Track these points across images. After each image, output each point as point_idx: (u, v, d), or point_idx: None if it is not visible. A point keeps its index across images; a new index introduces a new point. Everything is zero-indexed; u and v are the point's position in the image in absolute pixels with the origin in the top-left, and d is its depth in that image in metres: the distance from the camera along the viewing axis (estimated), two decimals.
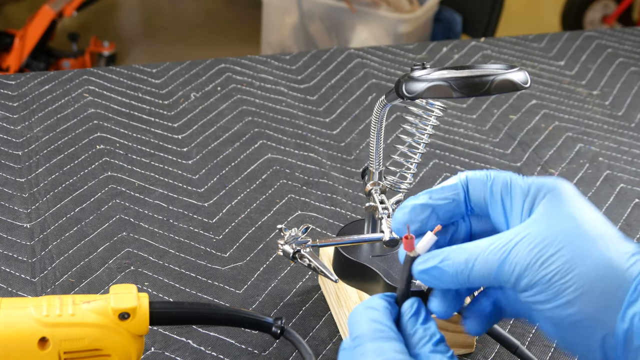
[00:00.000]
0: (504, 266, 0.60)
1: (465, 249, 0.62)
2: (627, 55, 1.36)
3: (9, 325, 0.67)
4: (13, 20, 3.08)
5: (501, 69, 0.70)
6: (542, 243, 0.59)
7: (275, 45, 2.77)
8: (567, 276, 0.58)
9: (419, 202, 0.66)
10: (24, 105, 1.15)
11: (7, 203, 0.99)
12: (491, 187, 0.64)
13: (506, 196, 0.63)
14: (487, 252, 0.60)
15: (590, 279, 0.58)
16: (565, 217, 0.60)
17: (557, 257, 0.59)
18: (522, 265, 0.59)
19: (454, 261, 0.61)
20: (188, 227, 0.97)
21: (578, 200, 0.62)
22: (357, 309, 0.61)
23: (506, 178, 0.64)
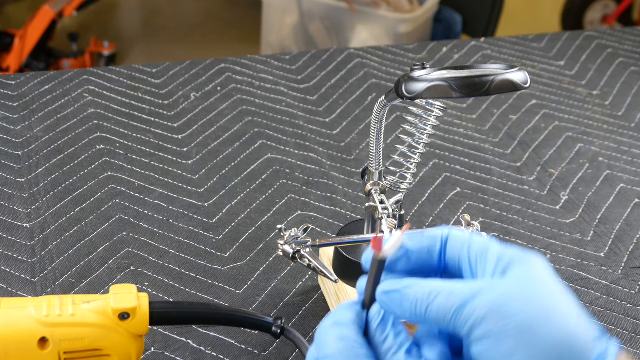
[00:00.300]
0: (464, 309, 0.58)
1: (431, 282, 0.60)
2: (627, 55, 1.36)
3: (9, 325, 0.67)
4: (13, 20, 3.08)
5: (501, 69, 0.70)
6: (508, 299, 0.58)
7: (275, 45, 2.77)
8: (522, 335, 0.57)
9: None
10: (24, 105, 1.15)
11: (7, 203, 0.99)
12: (469, 247, 0.63)
13: (482, 257, 0.62)
14: (452, 290, 0.59)
15: (546, 349, 0.57)
16: (536, 285, 0.59)
17: (519, 317, 0.57)
18: (482, 312, 0.58)
19: (417, 290, 0.60)
20: (188, 227, 0.97)
21: (551, 275, 0.61)
22: (324, 326, 0.60)
23: (485, 241, 0.63)
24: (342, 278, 0.84)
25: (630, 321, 0.89)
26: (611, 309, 0.90)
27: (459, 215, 1.01)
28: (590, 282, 0.94)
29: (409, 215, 1.01)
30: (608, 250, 0.98)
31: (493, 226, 1.00)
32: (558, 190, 1.07)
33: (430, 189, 1.06)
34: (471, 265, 0.63)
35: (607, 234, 1.01)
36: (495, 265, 0.61)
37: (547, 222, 1.02)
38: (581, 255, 0.97)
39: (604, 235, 1.01)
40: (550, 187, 1.07)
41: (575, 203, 1.05)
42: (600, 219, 1.03)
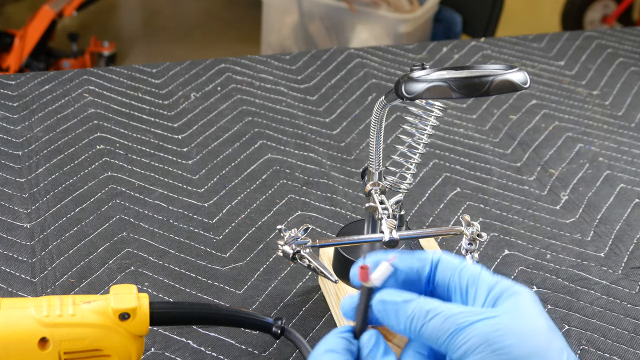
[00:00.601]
0: (458, 335, 0.59)
1: (431, 302, 0.61)
2: (627, 55, 1.36)
3: (9, 325, 0.67)
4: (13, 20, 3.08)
5: (500, 69, 0.70)
6: (501, 333, 0.59)
7: (275, 45, 2.77)
8: None
9: (384, 258, 0.64)
10: (24, 105, 1.15)
11: (7, 203, 0.99)
12: (460, 273, 0.64)
13: (472, 285, 0.63)
14: (448, 313, 0.60)
15: None
16: (528, 321, 0.60)
17: (512, 354, 0.58)
18: (476, 342, 0.58)
19: (416, 306, 0.61)
20: (188, 227, 0.97)
21: (540, 310, 0.62)
22: (317, 353, 0.60)
23: (476, 269, 0.64)
24: (342, 278, 0.84)
25: (630, 321, 0.89)
26: (611, 309, 0.90)
27: (459, 215, 1.01)
28: (590, 282, 0.94)
29: (409, 215, 1.01)
30: (608, 250, 0.98)
31: (493, 226, 1.00)
32: (558, 190, 1.07)
33: (430, 189, 1.06)
34: (461, 291, 0.63)
35: (607, 234, 1.01)
36: (486, 295, 0.62)
37: (547, 222, 1.02)
38: (581, 255, 0.97)
39: (604, 235, 1.01)
40: (550, 187, 1.07)
41: (575, 203, 1.05)
42: (600, 219, 1.03)
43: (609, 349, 0.86)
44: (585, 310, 0.90)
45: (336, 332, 0.62)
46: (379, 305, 0.62)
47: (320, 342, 0.61)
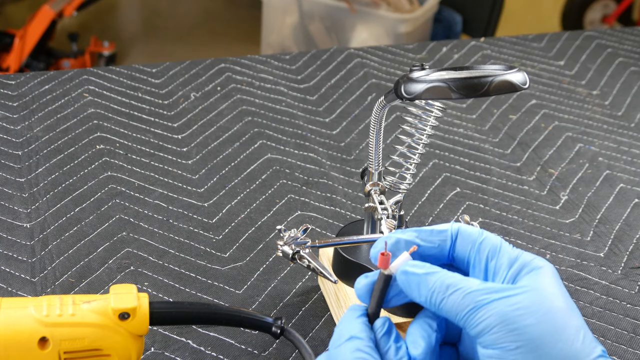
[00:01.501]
0: (477, 312, 0.60)
1: (453, 276, 0.62)
2: (627, 55, 1.36)
3: (9, 325, 0.67)
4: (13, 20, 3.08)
5: (500, 69, 0.70)
6: (521, 311, 0.59)
7: (275, 45, 2.77)
8: (532, 352, 0.59)
9: (404, 237, 0.65)
10: (24, 105, 1.15)
11: (7, 203, 0.99)
12: (479, 245, 0.64)
13: (492, 259, 0.63)
14: (468, 289, 0.60)
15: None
16: (547, 299, 0.60)
17: (529, 333, 0.59)
18: (494, 321, 0.59)
19: (438, 279, 0.61)
20: (188, 227, 0.97)
21: (559, 286, 0.62)
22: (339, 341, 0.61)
23: (496, 242, 0.64)
24: (341, 279, 0.84)
25: (629, 321, 0.89)
26: (611, 309, 0.91)
27: (459, 215, 1.01)
28: (589, 282, 0.94)
29: (409, 215, 1.01)
30: (608, 250, 0.98)
31: (493, 226, 1.00)
32: (558, 190, 1.07)
33: (430, 189, 1.06)
34: (481, 265, 0.64)
35: (607, 234, 1.01)
36: (507, 270, 0.63)
37: (546, 222, 1.02)
38: (581, 255, 0.97)
39: (604, 235, 1.01)
40: (550, 187, 1.08)
41: (575, 203, 1.05)
42: (600, 219, 1.03)
43: (608, 349, 0.86)
44: (584, 310, 0.90)
45: (354, 315, 0.63)
46: (402, 277, 0.63)
47: (340, 326, 0.62)
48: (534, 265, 0.62)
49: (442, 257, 0.66)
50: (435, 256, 0.65)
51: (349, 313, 0.63)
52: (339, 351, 0.61)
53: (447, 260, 0.66)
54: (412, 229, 0.66)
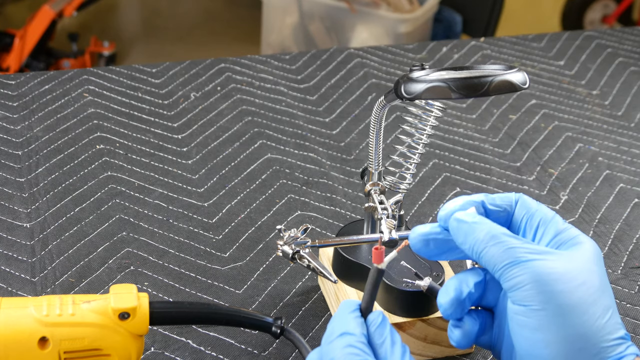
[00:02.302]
0: (515, 267, 0.62)
1: (500, 229, 0.64)
2: (627, 55, 1.36)
3: (9, 324, 0.67)
4: (13, 20, 3.08)
5: (500, 69, 0.70)
6: (556, 277, 0.61)
7: (275, 45, 2.77)
8: (558, 317, 0.60)
9: (473, 199, 0.68)
10: (24, 105, 1.15)
11: (7, 203, 0.99)
12: (534, 213, 0.67)
13: (541, 226, 0.66)
14: (510, 245, 0.63)
15: (574, 337, 0.60)
16: (583, 271, 0.62)
17: (560, 299, 0.60)
18: (528, 279, 0.61)
19: (485, 229, 0.64)
20: (188, 227, 0.97)
21: (598, 264, 0.64)
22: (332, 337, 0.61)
23: (550, 213, 0.67)
24: (341, 278, 0.84)
25: (630, 321, 0.89)
26: None
27: None
28: None
29: (409, 215, 1.01)
30: (607, 250, 0.98)
31: None
32: (558, 190, 1.07)
33: (430, 189, 1.06)
34: (531, 230, 0.66)
35: (607, 234, 1.01)
36: (552, 237, 0.65)
37: None
38: None
39: (604, 235, 1.01)
40: (550, 187, 1.08)
41: (575, 203, 1.05)
42: (599, 219, 1.03)
43: None
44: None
45: (347, 311, 0.63)
46: (453, 223, 0.65)
47: (333, 321, 0.62)
48: (579, 239, 0.65)
49: (506, 222, 0.68)
50: (498, 221, 0.67)
51: (342, 308, 0.63)
52: (330, 347, 0.61)
53: (506, 225, 0.68)
54: (480, 194, 0.69)
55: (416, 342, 0.81)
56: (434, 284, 0.77)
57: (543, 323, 0.60)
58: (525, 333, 0.61)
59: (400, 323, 0.80)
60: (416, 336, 0.81)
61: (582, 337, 0.60)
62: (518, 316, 0.62)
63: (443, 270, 0.82)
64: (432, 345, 0.82)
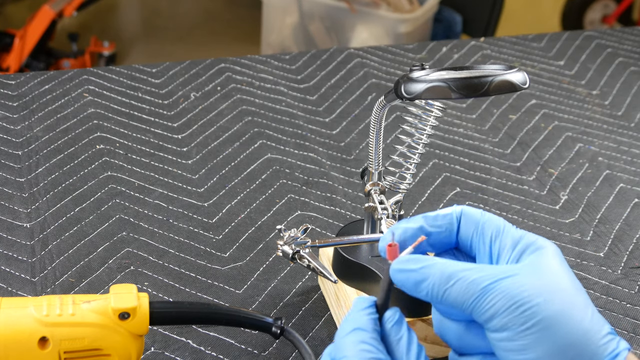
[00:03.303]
0: (483, 298, 0.59)
1: (451, 265, 0.60)
2: (627, 55, 1.36)
3: (9, 324, 0.67)
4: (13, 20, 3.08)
5: (500, 69, 0.70)
6: (529, 292, 0.58)
7: (275, 45, 2.77)
8: (543, 332, 0.58)
9: (412, 226, 0.64)
10: (24, 105, 1.15)
11: (7, 203, 0.99)
12: (483, 227, 0.64)
13: (496, 240, 0.63)
14: (471, 277, 0.59)
15: (564, 346, 0.58)
16: (553, 278, 0.60)
17: (540, 314, 0.58)
18: (503, 305, 0.58)
19: (435, 272, 0.60)
20: (188, 227, 0.97)
21: (564, 265, 0.62)
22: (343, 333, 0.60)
23: (499, 223, 0.63)
24: (341, 278, 0.84)
25: (629, 321, 0.89)
26: (611, 309, 0.91)
27: None
28: (589, 282, 0.94)
29: (409, 215, 1.01)
30: (607, 250, 0.99)
31: None
32: (558, 190, 1.07)
33: (430, 189, 1.06)
34: (485, 246, 0.63)
35: (607, 234, 1.01)
36: (511, 250, 0.62)
37: (546, 222, 1.02)
38: (580, 255, 0.98)
39: (604, 235, 1.01)
40: (550, 187, 1.08)
41: (575, 203, 1.05)
42: (599, 219, 1.03)
43: None
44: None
45: (360, 308, 0.62)
46: (397, 275, 0.61)
47: (346, 319, 0.61)
48: (538, 245, 0.62)
49: (450, 241, 0.65)
50: (443, 242, 0.64)
51: (357, 305, 0.62)
52: (343, 342, 0.60)
53: (454, 244, 0.65)
54: (418, 216, 0.65)
55: None
56: None
57: (529, 342, 0.58)
58: (515, 357, 0.59)
59: None
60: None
61: (573, 345, 0.58)
62: (502, 342, 0.59)
63: None
64: (432, 345, 0.82)
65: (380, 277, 0.81)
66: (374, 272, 0.81)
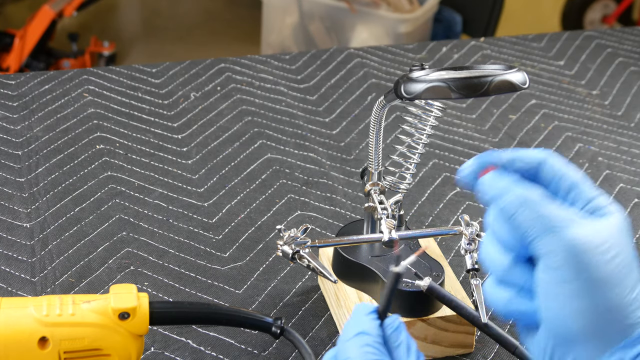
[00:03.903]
0: (544, 236, 0.60)
1: (533, 193, 0.61)
2: (627, 55, 1.36)
3: (9, 324, 0.67)
4: (13, 20, 3.08)
5: (500, 69, 0.70)
6: (588, 248, 0.59)
7: (275, 45, 2.77)
8: (589, 289, 0.59)
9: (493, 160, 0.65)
10: (24, 105, 1.15)
11: (7, 203, 0.99)
12: (562, 177, 0.64)
13: (570, 193, 0.64)
14: (542, 212, 0.60)
15: (604, 310, 0.59)
16: (619, 245, 0.61)
17: (595, 268, 0.59)
18: (561, 248, 0.59)
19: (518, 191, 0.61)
20: (188, 227, 0.97)
21: (629, 237, 0.63)
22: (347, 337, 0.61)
23: (577, 177, 0.64)
24: (341, 278, 0.84)
25: None
26: None
27: (459, 215, 1.01)
28: None
29: (409, 215, 1.01)
30: None
31: None
32: None
33: (430, 189, 1.06)
34: (559, 192, 0.64)
35: None
36: (584, 204, 0.63)
37: None
38: None
39: None
40: None
41: None
42: None
43: None
44: None
45: (363, 313, 0.62)
46: (486, 182, 0.62)
47: (349, 323, 0.62)
48: (609, 210, 0.62)
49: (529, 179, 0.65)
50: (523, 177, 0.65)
51: (358, 309, 0.63)
52: (347, 346, 0.61)
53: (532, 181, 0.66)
54: (501, 153, 0.65)
55: (416, 342, 0.81)
56: (434, 284, 0.77)
57: (575, 293, 0.59)
58: (556, 303, 0.60)
59: None
60: (416, 336, 0.81)
61: (611, 311, 0.59)
62: (549, 285, 0.60)
63: (443, 270, 0.82)
64: (432, 345, 0.82)
65: (379, 277, 0.81)
66: (374, 272, 0.81)
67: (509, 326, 0.87)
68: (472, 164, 0.64)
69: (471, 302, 0.80)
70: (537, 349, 0.62)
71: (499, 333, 0.78)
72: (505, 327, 0.87)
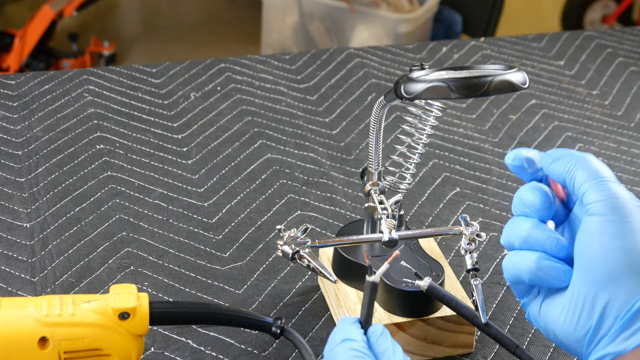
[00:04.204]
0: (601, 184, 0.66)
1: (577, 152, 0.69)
2: (627, 55, 1.36)
3: (9, 325, 0.67)
4: (13, 20, 3.08)
5: (500, 69, 0.70)
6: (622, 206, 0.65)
7: (275, 45, 2.77)
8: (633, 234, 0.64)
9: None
10: (24, 105, 1.15)
11: (7, 203, 0.99)
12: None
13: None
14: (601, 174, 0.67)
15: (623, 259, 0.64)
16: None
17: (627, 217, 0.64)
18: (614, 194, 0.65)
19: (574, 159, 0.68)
20: (188, 227, 0.98)
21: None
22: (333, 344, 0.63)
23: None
24: (341, 278, 0.84)
25: None
26: None
27: (459, 215, 1.01)
28: None
29: (409, 215, 1.01)
30: None
31: (493, 226, 1.00)
32: None
33: (430, 189, 1.06)
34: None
35: None
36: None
37: None
38: None
39: None
40: None
41: None
42: None
43: None
44: None
45: (347, 322, 0.64)
46: (550, 156, 0.69)
47: (334, 333, 0.63)
48: None
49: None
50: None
51: (342, 321, 0.65)
52: (334, 353, 0.62)
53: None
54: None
55: (416, 342, 0.81)
56: (433, 284, 0.77)
57: (619, 233, 0.64)
58: (598, 245, 0.64)
59: (400, 323, 0.80)
60: (416, 336, 0.81)
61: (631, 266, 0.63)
62: (596, 226, 0.64)
63: (443, 270, 0.82)
64: (432, 345, 0.82)
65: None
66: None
67: (509, 326, 0.87)
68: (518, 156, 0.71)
69: (471, 302, 0.80)
70: (563, 305, 0.66)
71: (499, 333, 0.78)
72: (505, 327, 0.87)
